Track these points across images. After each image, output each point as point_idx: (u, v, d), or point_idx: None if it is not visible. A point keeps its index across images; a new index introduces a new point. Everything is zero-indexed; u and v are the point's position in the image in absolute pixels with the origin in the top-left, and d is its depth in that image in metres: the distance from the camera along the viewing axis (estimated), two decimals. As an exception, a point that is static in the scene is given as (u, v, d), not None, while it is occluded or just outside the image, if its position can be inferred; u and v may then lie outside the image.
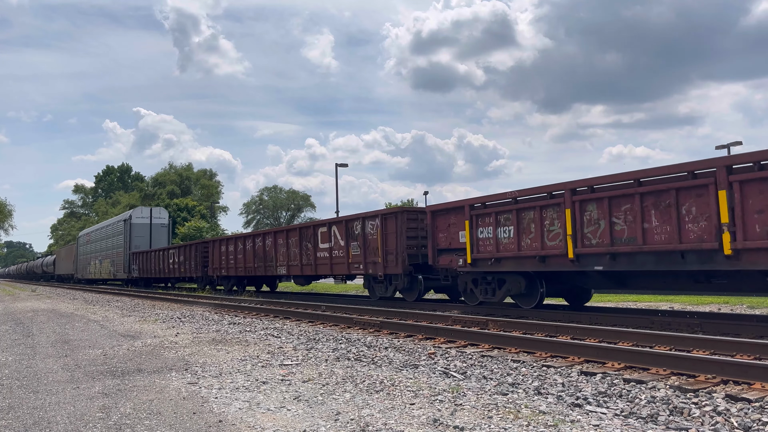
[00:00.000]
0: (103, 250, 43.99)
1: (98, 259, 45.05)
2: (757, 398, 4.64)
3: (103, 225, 46.70)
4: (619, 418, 4.30)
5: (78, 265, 52.25)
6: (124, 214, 40.42)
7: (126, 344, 8.67)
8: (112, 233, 41.45)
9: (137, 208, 40.64)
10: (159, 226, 39.02)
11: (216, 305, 16.47)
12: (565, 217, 10.29)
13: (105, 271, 42.70)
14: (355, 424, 4.17)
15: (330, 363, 6.78)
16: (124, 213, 42.39)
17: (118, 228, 40.08)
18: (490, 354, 7.20)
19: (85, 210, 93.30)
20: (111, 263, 40.77)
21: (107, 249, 42.29)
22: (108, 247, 42.12)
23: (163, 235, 39.00)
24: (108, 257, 41.78)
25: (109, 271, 41.13)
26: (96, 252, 46.17)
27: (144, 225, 38.40)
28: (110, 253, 41.32)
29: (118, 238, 39.57)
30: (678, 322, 9.03)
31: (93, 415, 4.57)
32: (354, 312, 12.65)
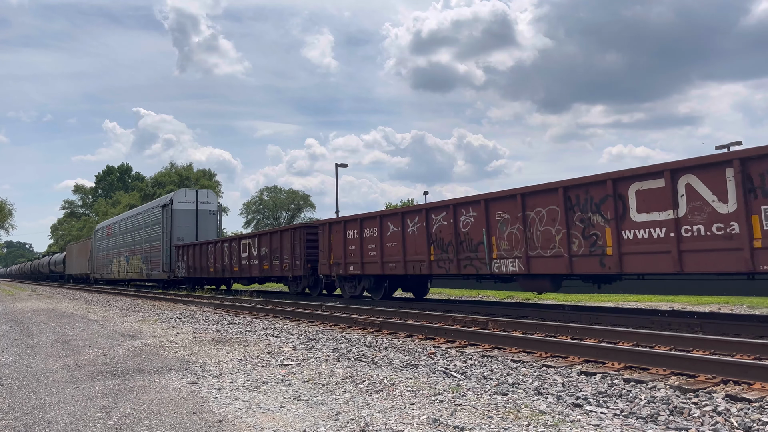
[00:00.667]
0: (130, 244, 36.51)
1: (124, 255, 37.76)
2: (757, 398, 4.64)
3: (132, 214, 38.44)
4: (619, 418, 4.30)
5: (95, 264, 45.27)
6: (162, 199, 32.65)
7: (126, 344, 8.67)
8: (145, 223, 33.90)
9: (179, 190, 32.14)
10: (207, 213, 31.33)
11: (216, 305, 16.47)
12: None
13: (134, 269, 35.28)
14: (355, 424, 4.17)
15: (330, 363, 6.78)
16: (161, 198, 34.44)
17: (153, 216, 32.49)
18: (490, 354, 7.19)
19: (85, 210, 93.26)
20: (143, 260, 33.56)
21: (137, 243, 35.01)
22: (138, 240, 34.84)
23: (211, 224, 31.45)
24: (138, 253, 34.54)
25: (140, 270, 33.85)
26: (120, 247, 38.67)
27: (188, 211, 30.69)
28: (142, 248, 34.00)
29: (153, 229, 32.19)
30: (678, 322, 9.03)
31: (93, 415, 4.57)
32: (354, 312, 12.64)
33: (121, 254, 38.46)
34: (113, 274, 40.18)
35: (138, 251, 34.90)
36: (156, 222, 31.80)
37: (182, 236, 30.26)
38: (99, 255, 44.60)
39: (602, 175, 9.98)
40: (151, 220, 32.82)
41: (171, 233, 30.32)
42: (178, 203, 30.84)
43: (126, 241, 37.65)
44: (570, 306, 12.98)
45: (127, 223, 38.56)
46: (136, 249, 35.21)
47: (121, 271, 38.43)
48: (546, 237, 10.84)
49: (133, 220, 36.84)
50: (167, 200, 31.16)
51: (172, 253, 30.06)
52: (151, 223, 32.81)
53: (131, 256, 36.18)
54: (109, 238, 42.37)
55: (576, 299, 15.68)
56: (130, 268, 36.15)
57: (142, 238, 34.16)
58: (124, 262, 37.66)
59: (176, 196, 31.15)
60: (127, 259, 37.14)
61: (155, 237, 31.77)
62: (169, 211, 30.47)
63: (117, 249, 39.69)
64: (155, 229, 31.84)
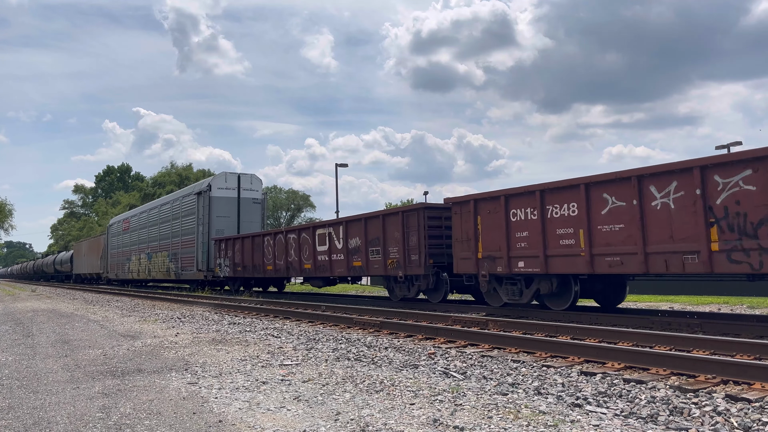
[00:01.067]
0: (153, 239, 31.70)
1: (145, 252, 32.91)
2: (757, 398, 4.64)
3: (156, 205, 33.08)
4: (619, 418, 4.30)
5: (108, 263, 40.32)
6: (197, 185, 27.52)
7: (126, 344, 8.67)
8: (173, 214, 29.08)
9: (218, 174, 26.72)
10: (250, 202, 26.45)
11: (216, 305, 16.47)
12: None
13: (159, 268, 30.41)
14: (355, 424, 4.17)
15: (330, 363, 6.78)
16: (194, 184, 28.95)
17: (185, 206, 27.49)
18: (490, 354, 7.19)
19: (85, 210, 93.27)
20: (171, 258, 28.75)
21: (163, 238, 30.25)
22: (164, 234, 30.10)
23: (255, 214, 26.65)
24: (164, 249, 29.81)
25: (167, 269, 29.03)
26: (141, 243, 33.83)
27: (229, 200, 25.87)
28: (169, 244, 29.19)
29: (185, 222, 27.34)
30: (678, 322, 9.03)
31: (93, 415, 4.57)
32: (354, 312, 12.64)
33: (142, 251, 33.52)
34: (131, 273, 35.19)
35: (164, 247, 30.06)
36: (189, 212, 26.93)
37: (222, 229, 25.39)
38: (113, 252, 39.55)
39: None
40: (183, 210, 27.81)
41: (209, 225, 25.22)
42: (218, 190, 25.62)
43: (148, 236, 32.66)
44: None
45: (149, 215, 33.25)
46: (162, 245, 30.38)
47: (141, 270, 33.47)
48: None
49: (158, 212, 31.66)
50: (204, 186, 25.79)
51: (210, 249, 25.00)
52: (182, 214, 27.84)
53: (155, 253, 31.29)
54: (125, 234, 37.29)
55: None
56: (154, 267, 31.27)
57: (169, 232, 29.36)
58: (145, 261, 32.75)
59: (215, 182, 25.84)
60: (149, 257, 32.19)
61: (187, 230, 26.92)
62: (207, 199, 25.25)
63: (136, 245, 34.66)
64: (188, 221, 26.97)
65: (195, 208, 26.18)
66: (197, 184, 27.90)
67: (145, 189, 73.88)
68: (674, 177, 9.10)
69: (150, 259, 31.93)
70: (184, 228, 27.40)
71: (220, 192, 25.89)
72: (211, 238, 25.17)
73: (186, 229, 27.24)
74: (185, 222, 27.38)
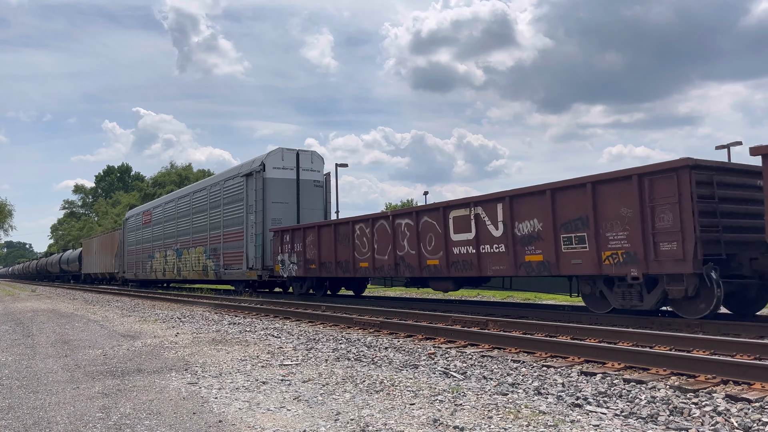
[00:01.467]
0: (184, 232, 27.11)
1: (173, 248, 28.29)
2: (757, 398, 4.64)
3: (188, 191, 28.02)
4: (619, 418, 4.30)
5: (125, 261, 36.12)
6: (246, 165, 22.27)
7: (126, 344, 8.67)
8: (213, 202, 24.38)
9: (273, 151, 21.46)
10: (311, 185, 21.79)
11: (216, 305, 16.48)
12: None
13: (192, 267, 25.76)
14: (355, 424, 4.17)
15: (330, 363, 6.78)
16: (242, 164, 23.11)
17: (230, 190, 22.88)
18: (490, 354, 7.19)
19: (85, 210, 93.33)
20: (210, 254, 24.09)
21: (197, 230, 25.58)
22: (200, 226, 25.37)
23: (316, 200, 21.89)
24: (199, 243, 25.17)
25: (205, 267, 24.44)
26: (168, 238, 29.22)
27: (286, 182, 21.20)
28: (206, 237, 24.61)
29: (229, 210, 22.71)
30: (678, 322, 9.02)
31: (93, 415, 4.57)
32: (354, 312, 12.64)
33: (169, 247, 28.93)
34: (154, 273, 30.64)
35: (198, 241, 25.36)
36: (234, 198, 22.43)
37: (279, 218, 20.76)
38: (131, 250, 35.03)
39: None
40: (225, 196, 23.22)
41: (263, 213, 20.48)
42: (273, 170, 20.92)
43: (177, 230, 28.11)
44: (570, 306, 12.97)
45: (177, 205, 28.46)
46: (196, 239, 25.64)
47: (168, 269, 28.81)
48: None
49: (189, 201, 26.93)
50: (256, 165, 21.03)
51: (266, 242, 20.34)
52: (224, 201, 23.27)
53: (186, 248, 26.67)
54: (146, 228, 32.60)
55: (577, 300, 15.66)
56: (185, 266, 26.59)
57: (206, 224, 24.76)
58: (173, 258, 28.07)
59: (270, 160, 21.00)
60: (178, 254, 27.56)
61: (232, 220, 22.39)
62: (260, 182, 20.68)
63: (161, 241, 30.19)
64: (233, 209, 22.45)
65: (243, 192, 21.63)
66: (244, 164, 22.43)
67: (145, 189, 73.93)
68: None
69: (180, 256, 27.30)
70: (228, 218, 22.81)
71: (275, 172, 21.04)
72: (268, 229, 20.37)
73: (231, 219, 22.60)
74: (229, 210, 22.76)
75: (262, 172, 20.94)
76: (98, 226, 75.79)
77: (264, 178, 20.89)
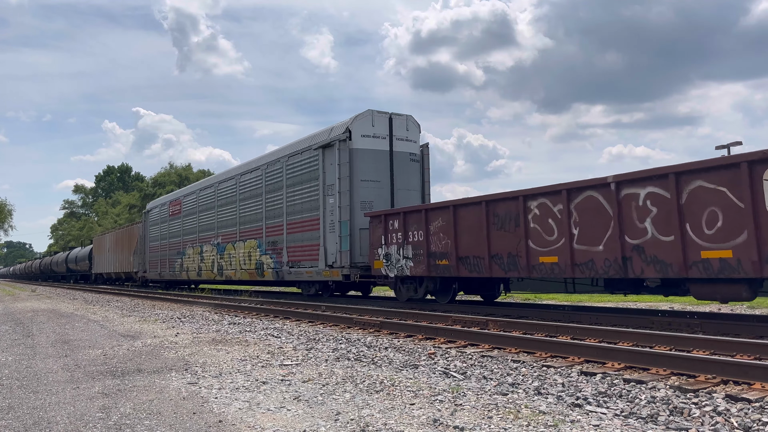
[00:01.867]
0: (228, 223, 22.25)
1: (212, 243, 23.35)
2: (757, 398, 4.64)
3: (233, 174, 22.72)
4: (619, 418, 4.30)
5: (146, 259, 31.65)
6: (323, 132, 17.44)
7: (126, 344, 8.67)
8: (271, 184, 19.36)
9: (361, 114, 16.66)
10: (407, 159, 16.99)
11: (216, 305, 16.48)
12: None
13: (240, 264, 20.90)
14: (355, 424, 4.17)
15: (330, 363, 6.78)
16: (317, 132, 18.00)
17: (299, 166, 17.93)
18: (490, 354, 7.19)
19: (85, 210, 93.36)
20: (267, 248, 19.24)
21: (248, 220, 20.66)
22: (250, 215, 20.49)
23: (413, 178, 17.16)
24: (251, 236, 20.30)
25: (260, 265, 19.52)
26: (203, 231, 24.40)
27: (377, 154, 16.49)
28: (260, 228, 19.66)
29: (298, 192, 17.82)
30: (678, 322, 9.03)
31: (93, 415, 4.57)
32: (354, 312, 12.65)
33: (206, 241, 23.99)
34: (186, 272, 25.82)
35: (249, 233, 20.54)
36: (304, 178, 17.41)
37: (368, 200, 16.01)
38: (154, 246, 30.46)
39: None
40: (292, 175, 18.18)
41: (350, 194, 15.75)
42: (362, 139, 16.11)
43: (219, 220, 23.05)
44: (570, 306, 12.98)
45: (219, 190, 23.29)
46: (246, 230, 20.84)
47: (205, 267, 23.79)
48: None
49: (234, 185, 22.02)
50: (340, 133, 16.00)
51: (354, 232, 15.68)
52: (290, 182, 18.26)
53: (231, 242, 21.88)
54: (175, 220, 27.89)
55: (576, 299, 15.69)
56: (230, 263, 21.81)
57: (261, 211, 19.79)
58: (213, 254, 23.19)
59: (358, 126, 16.14)
60: (219, 249, 22.79)
61: (302, 205, 17.44)
62: (346, 154, 15.83)
63: (194, 234, 25.32)
64: (302, 191, 17.50)
65: (317, 169, 16.77)
66: (318, 133, 17.42)
67: (145, 189, 73.91)
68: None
69: (222, 251, 22.55)
70: (295, 202, 17.94)
71: (365, 142, 16.20)
72: (359, 214, 15.74)
73: (299, 204, 17.71)
74: (297, 193, 17.89)
75: (347, 141, 15.98)
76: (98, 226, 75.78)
77: (351, 150, 16.02)
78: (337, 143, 16.07)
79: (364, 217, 15.76)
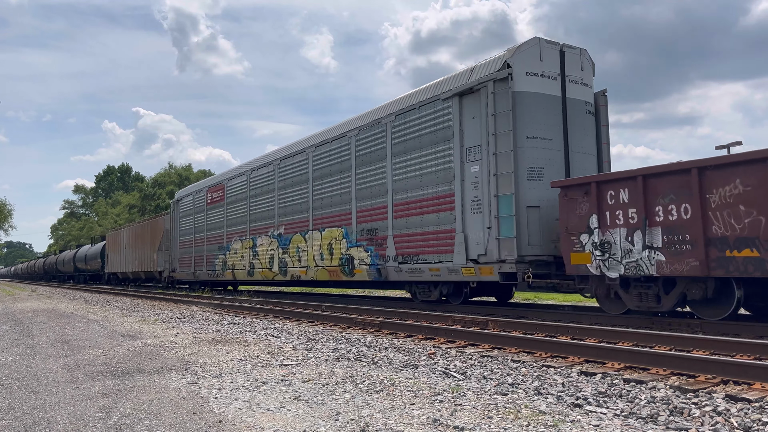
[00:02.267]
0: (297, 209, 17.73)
1: (270, 234, 19.15)
2: (757, 398, 4.64)
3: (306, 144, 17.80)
4: (619, 418, 4.31)
5: (175, 256, 27.22)
6: (463, 75, 12.31)
7: (126, 344, 8.67)
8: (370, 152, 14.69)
9: (526, 44, 11.53)
10: (582, 110, 12.21)
11: (216, 305, 16.48)
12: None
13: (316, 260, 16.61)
14: (355, 424, 4.18)
15: (330, 363, 6.78)
16: (452, 76, 12.65)
17: (414, 126, 13.32)
18: (490, 354, 7.20)
19: (86, 210, 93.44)
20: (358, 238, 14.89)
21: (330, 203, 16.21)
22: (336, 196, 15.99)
23: (587, 136, 12.37)
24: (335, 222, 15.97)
25: (345, 260, 15.38)
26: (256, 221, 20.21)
27: (548, 99, 11.63)
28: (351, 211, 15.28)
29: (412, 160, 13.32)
30: (678, 322, 9.03)
31: (93, 415, 4.57)
32: (354, 312, 12.65)
33: (261, 232, 19.59)
34: (232, 271, 21.45)
35: (330, 220, 16.12)
36: (430, 140, 12.92)
37: (537, 167, 11.51)
38: (187, 240, 25.90)
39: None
40: (400, 139, 13.79)
41: (515, 156, 11.20)
42: (527, 78, 11.61)
43: (281, 206, 18.59)
44: (570, 306, 12.98)
45: (283, 168, 18.71)
46: (323, 217, 16.41)
47: (260, 265, 19.35)
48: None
49: (306, 159, 17.40)
50: (494, 71, 11.59)
51: (520, 209, 11.10)
52: (397, 149, 13.84)
53: (301, 232, 17.36)
54: (215, 208, 23.29)
55: (576, 299, 15.68)
56: (299, 259, 17.30)
57: (350, 190, 15.38)
58: (271, 248, 18.85)
59: (521, 59, 11.57)
60: (281, 241, 18.30)
61: (424, 178, 13.06)
62: (506, 98, 11.38)
63: (245, 224, 20.83)
64: (424, 158, 13.08)
65: (452, 126, 12.32)
66: (454, 76, 12.72)
67: (146, 189, 73.95)
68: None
69: (286, 244, 17.92)
70: (409, 175, 13.44)
71: (531, 83, 11.63)
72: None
73: (417, 177, 13.20)
74: (414, 162, 13.33)
75: (507, 81, 11.30)
76: (98, 226, 75.80)
77: (513, 94, 11.31)
78: (490, 85, 11.49)
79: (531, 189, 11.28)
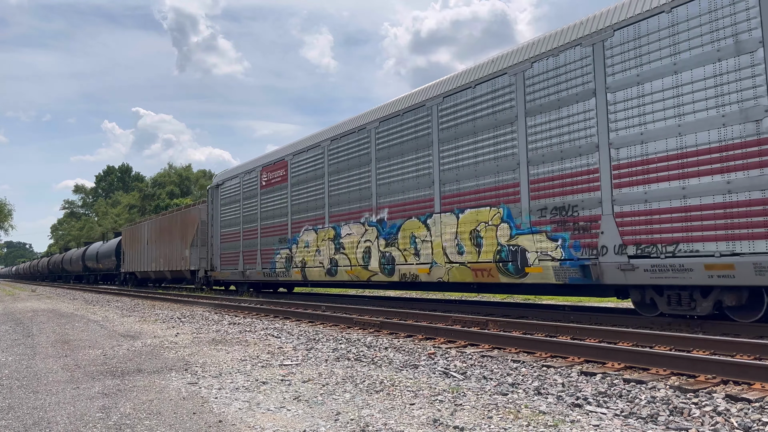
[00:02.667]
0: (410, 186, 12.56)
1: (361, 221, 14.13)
2: (757, 398, 4.64)
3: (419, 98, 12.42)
4: (619, 418, 4.31)
5: (215, 251, 22.31)
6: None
7: (126, 344, 8.67)
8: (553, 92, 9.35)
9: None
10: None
11: (216, 305, 16.48)
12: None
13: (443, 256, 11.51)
14: (355, 424, 4.18)
15: (330, 363, 6.78)
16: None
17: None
18: (490, 354, 7.20)
19: (85, 210, 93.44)
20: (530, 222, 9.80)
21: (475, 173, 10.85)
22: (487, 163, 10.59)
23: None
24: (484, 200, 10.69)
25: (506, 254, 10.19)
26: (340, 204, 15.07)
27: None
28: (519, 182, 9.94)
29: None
30: (678, 322, 9.03)
31: (93, 415, 4.57)
32: (354, 312, 12.65)
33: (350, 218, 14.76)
34: (301, 268, 16.73)
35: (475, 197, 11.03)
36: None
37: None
38: (231, 233, 21.31)
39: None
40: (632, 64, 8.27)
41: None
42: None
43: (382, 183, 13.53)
44: (570, 306, 12.98)
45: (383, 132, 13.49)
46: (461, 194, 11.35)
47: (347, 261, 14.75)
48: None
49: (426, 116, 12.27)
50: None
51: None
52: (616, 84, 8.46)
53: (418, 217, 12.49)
54: (275, 191, 18.42)
55: (576, 299, 15.68)
56: (418, 252, 12.41)
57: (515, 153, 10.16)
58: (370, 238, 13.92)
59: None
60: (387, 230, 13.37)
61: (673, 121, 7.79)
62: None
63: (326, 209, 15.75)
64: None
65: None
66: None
67: (145, 189, 73.97)
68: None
69: (392, 234, 13.21)
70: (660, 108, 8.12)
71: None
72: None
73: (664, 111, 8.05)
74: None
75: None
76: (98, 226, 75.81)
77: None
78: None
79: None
